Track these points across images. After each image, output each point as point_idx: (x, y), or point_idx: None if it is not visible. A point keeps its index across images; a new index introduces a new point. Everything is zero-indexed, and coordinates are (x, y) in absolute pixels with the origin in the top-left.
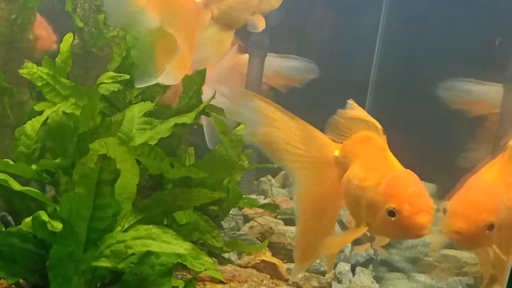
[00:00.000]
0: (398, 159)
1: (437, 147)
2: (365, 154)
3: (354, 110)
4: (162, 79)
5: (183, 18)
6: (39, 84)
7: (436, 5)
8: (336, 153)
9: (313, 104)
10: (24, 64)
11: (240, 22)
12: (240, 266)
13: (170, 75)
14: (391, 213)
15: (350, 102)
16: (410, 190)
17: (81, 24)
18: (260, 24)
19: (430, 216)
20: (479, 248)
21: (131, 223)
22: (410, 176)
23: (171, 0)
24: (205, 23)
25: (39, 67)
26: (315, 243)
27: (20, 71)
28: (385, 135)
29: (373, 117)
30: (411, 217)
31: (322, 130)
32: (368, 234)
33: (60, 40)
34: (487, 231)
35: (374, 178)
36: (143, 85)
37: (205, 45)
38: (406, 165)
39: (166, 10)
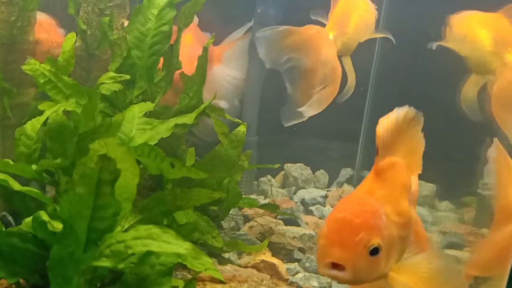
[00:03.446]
0: None
1: (437, 147)
2: None
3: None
4: (304, 114)
5: (326, 56)
6: (42, 80)
7: (436, 4)
8: None
9: None
10: (27, 61)
11: (353, 49)
12: (240, 266)
13: (313, 107)
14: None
15: None
16: (339, 215)
17: (84, 27)
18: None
19: (348, 253)
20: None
21: (131, 223)
22: (361, 202)
23: (314, 42)
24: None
25: (42, 64)
26: None
27: (23, 67)
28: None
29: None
30: (320, 247)
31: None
32: None
33: None
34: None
35: None
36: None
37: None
38: None
39: (311, 50)
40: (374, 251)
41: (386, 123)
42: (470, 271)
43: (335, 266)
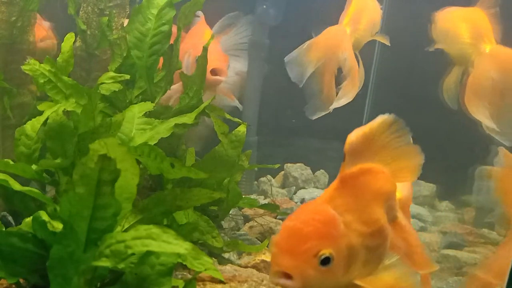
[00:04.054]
0: None
1: (438, 147)
2: None
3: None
4: (337, 104)
5: (345, 50)
6: (41, 81)
7: (436, 4)
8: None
9: None
10: (27, 61)
11: (362, 46)
12: (240, 266)
13: (344, 98)
14: None
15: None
16: (290, 223)
17: (83, 27)
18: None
19: (296, 262)
20: None
21: (131, 223)
22: (315, 210)
23: (335, 39)
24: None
25: (42, 64)
26: None
27: (23, 67)
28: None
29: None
30: (272, 256)
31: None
32: None
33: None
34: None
35: None
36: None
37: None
38: None
39: (333, 48)
40: (325, 261)
41: (358, 131)
42: (492, 280)
43: (286, 275)
